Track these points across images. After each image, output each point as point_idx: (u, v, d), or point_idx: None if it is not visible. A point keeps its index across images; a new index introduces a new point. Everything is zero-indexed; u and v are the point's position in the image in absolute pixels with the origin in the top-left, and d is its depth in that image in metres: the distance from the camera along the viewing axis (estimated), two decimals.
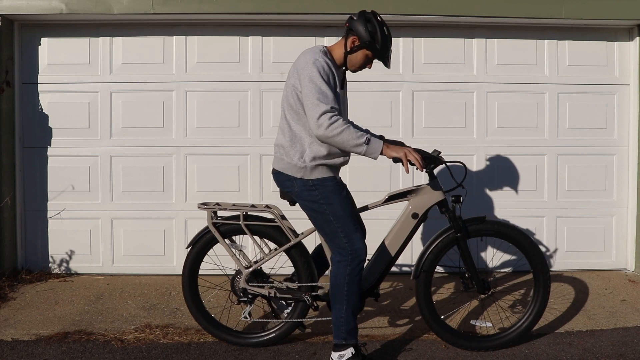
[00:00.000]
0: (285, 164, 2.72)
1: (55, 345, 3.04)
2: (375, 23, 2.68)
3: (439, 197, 2.85)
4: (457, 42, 4.33)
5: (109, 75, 4.24)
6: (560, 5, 4.07)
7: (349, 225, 2.69)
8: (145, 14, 3.98)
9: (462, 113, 4.34)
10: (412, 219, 2.84)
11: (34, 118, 4.23)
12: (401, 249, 2.87)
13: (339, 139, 2.53)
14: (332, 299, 2.74)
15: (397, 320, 3.41)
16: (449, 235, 2.90)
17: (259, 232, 2.97)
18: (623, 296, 3.84)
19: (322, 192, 2.68)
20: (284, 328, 2.99)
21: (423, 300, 2.92)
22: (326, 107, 2.51)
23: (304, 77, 2.57)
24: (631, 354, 2.95)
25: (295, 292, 2.95)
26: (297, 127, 2.68)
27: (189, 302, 3.03)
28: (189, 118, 4.26)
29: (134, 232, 4.28)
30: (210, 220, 2.95)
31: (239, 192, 4.27)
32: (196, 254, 3.00)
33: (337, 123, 2.51)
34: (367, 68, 2.82)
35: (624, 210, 4.44)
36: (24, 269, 4.20)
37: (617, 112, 4.41)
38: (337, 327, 2.71)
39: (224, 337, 3.03)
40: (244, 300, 2.99)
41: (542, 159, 4.39)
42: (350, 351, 2.69)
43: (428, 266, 2.90)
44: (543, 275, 2.95)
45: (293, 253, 2.93)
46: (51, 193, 4.25)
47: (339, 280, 2.69)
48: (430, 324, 2.94)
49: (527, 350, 2.99)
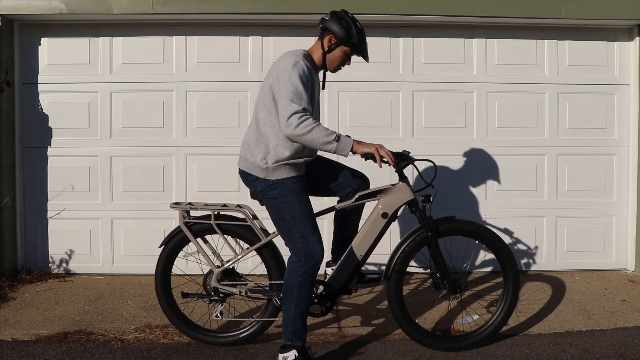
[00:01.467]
0: (249, 163, 2.76)
1: (55, 345, 3.04)
2: (348, 19, 2.74)
3: (408, 197, 2.86)
4: (457, 42, 4.34)
5: (109, 75, 4.24)
6: (560, 5, 4.07)
7: (305, 225, 2.70)
8: (145, 14, 3.98)
9: (462, 113, 4.34)
10: (381, 218, 2.86)
11: (34, 118, 4.23)
12: (371, 249, 2.89)
13: (308, 137, 2.56)
14: (282, 298, 2.75)
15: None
16: (420, 235, 2.91)
17: (230, 231, 2.99)
18: (623, 296, 3.84)
19: (281, 191, 2.71)
20: (256, 327, 3.01)
21: (394, 301, 2.91)
22: (298, 107, 2.54)
23: (282, 78, 2.60)
24: (631, 354, 2.95)
25: (266, 291, 2.97)
26: (266, 128, 2.71)
27: (161, 301, 3.06)
28: (189, 118, 4.26)
29: (134, 232, 4.28)
30: (182, 220, 2.98)
31: (239, 192, 4.27)
32: (168, 253, 3.03)
33: (307, 122, 2.54)
34: (347, 65, 2.86)
35: (624, 210, 4.44)
36: (24, 269, 4.20)
37: (617, 112, 4.41)
38: (285, 327, 2.72)
39: (196, 335, 3.05)
40: (215, 299, 3.00)
41: (542, 159, 4.39)
42: (293, 353, 2.68)
43: (399, 266, 2.91)
44: (512, 275, 2.96)
45: (264, 252, 2.97)
46: (51, 193, 4.25)
47: (291, 281, 2.70)
48: (401, 324, 2.94)
49: (527, 350, 2.99)
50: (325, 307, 2.94)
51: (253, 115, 2.80)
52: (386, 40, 4.30)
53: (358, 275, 3.00)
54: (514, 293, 2.98)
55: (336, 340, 3.13)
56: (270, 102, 2.68)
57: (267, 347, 3.01)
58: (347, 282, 2.90)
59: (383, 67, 4.31)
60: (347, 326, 3.33)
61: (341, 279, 2.89)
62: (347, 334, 3.21)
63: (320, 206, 3.02)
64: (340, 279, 2.89)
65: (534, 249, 4.40)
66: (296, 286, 2.68)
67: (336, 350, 3.02)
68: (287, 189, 2.71)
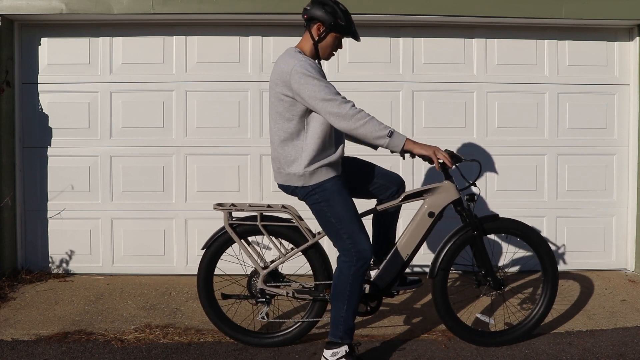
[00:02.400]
0: (284, 175, 2.74)
1: (55, 345, 3.03)
2: (331, 3, 2.70)
3: (455, 196, 2.88)
4: (457, 42, 4.34)
5: (109, 75, 4.24)
6: (560, 5, 4.07)
7: (352, 226, 2.69)
8: (145, 14, 3.98)
9: (462, 113, 4.34)
10: (428, 217, 2.87)
11: (34, 118, 4.23)
12: (417, 248, 2.90)
13: (362, 130, 2.55)
14: (333, 297, 2.74)
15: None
16: (465, 233, 2.92)
17: (275, 232, 2.96)
18: (623, 296, 3.84)
19: (322, 195, 2.69)
20: (301, 327, 3.00)
21: (440, 299, 2.94)
22: (340, 96, 2.55)
23: (296, 81, 2.56)
24: (631, 354, 2.95)
25: (312, 291, 2.96)
26: (287, 135, 2.68)
27: (204, 305, 3.01)
28: (189, 118, 4.26)
29: (134, 232, 4.28)
30: (227, 221, 2.93)
31: (239, 192, 4.27)
32: (212, 256, 2.98)
33: (362, 113, 2.55)
34: (339, 49, 2.83)
35: (624, 210, 4.44)
36: (24, 269, 4.20)
37: (617, 112, 4.41)
38: (335, 325, 2.72)
39: (240, 338, 3.02)
40: (262, 301, 2.98)
41: (542, 159, 4.39)
42: (344, 349, 2.70)
43: (445, 264, 2.93)
44: (552, 273, 3.02)
45: (310, 253, 2.94)
46: (51, 193, 4.25)
47: (342, 279, 2.70)
48: (447, 321, 2.98)
49: (527, 350, 2.99)
50: (371, 307, 2.96)
51: (270, 130, 2.77)
52: (386, 40, 4.30)
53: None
54: (553, 289, 3.04)
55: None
56: (283, 110, 2.65)
57: (268, 347, 3.01)
58: (393, 281, 2.91)
59: (383, 67, 4.31)
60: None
61: (387, 279, 2.90)
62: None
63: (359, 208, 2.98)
64: (386, 279, 2.90)
65: None
66: (348, 285, 2.68)
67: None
68: (327, 192, 2.69)
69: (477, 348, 3.00)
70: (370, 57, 4.30)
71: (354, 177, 2.94)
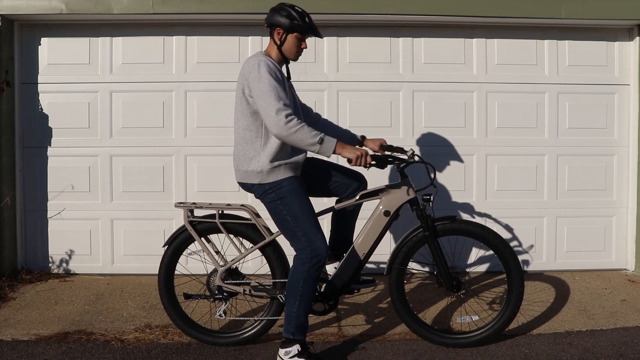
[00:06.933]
0: (242, 173, 2.80)
1: (55, 345, 3.04)
2: (286, 7, 2.80)
3: (410, 196, 2.91)
4: (457, 42, 4.34)
5: (109, 75, 4.24)
6: (560, 5, 4.07)
7: (307, 224, 2.73)
8: (145, 14, 3.98)
9: (462, 113, 4.35)
10: (383, 216, 2.91)
11: (34, 118, 4.23)
12: (373, 247, 2.93)
13: (294, 138, 2.61)
14: (286, 293, 2.77)
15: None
16: (418, 234, 2.95)
17: (234, 230, 3.00)
18: (623, 296, 3.84)
19: (279, 194, 2.74)
20: (259, 326, 3.02)
21: (396, 295, 2.98)
22: (279, 104, 2.59)
23: (252, 79, 2.65)
24: (631, 354, 2.95)
25: (269, 289, 2.98)
26: (248, 134, 2.75)
27: (165, 302, 3.05)
28: (189, 118, 4.26)
29: (134, 232, 4.28)
30: (187, 219, 2.97)
31: (238, 192, 4.24)
32: (172, 253, 3.03)
33: (293, 122, 2.59)
34: (304, 49, 2.89)
35: (624, 210, 4.44)
36: (24, 269, 4.20)
37: (617, 112, 4.41)
38: (288, 321, 2.75)
39: (198, 336, 3.05)
40: (219, 298, 3.01)
41: (542, 159, 4.39)
42: (296, 348, 2.72)
43: (400, 263, 2.96)
44: (516, 275, 2.95)
45: (268, 251, 2.98)
46: (51, 193, 4.25)
47: (296, 276, 2.73)
48: (403, 318, 3.00)
49: (527, 350, 2.99)
50: (329, 305, 2.97)
51: (234, 126, 2.83)
52: (386, 40, 4.30)
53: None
54: (518, 294, 2.95)
55: (336, 340, 3.13)
56: (245, 108, 2.73)
57: (268, 347, 3.01)
58: (350, 280, 2.94)
59: (383, 67, 4.31)
60: (347, 325, 3.33)
61: (344, 277, 2.93)
62: (347, 334, 3.21)
63: (321, 206, 3.03)
64: (343, 277, 2.93)
65: (533, 249, 4.40)
66: (301, 281, 2.71)
67: (337, 347, 3.03)
68: (284, 191, 2.73)
69: (477, 348, 3.00)
70: (370, 57, 4.30)
71: (313, 177, 2.99)
